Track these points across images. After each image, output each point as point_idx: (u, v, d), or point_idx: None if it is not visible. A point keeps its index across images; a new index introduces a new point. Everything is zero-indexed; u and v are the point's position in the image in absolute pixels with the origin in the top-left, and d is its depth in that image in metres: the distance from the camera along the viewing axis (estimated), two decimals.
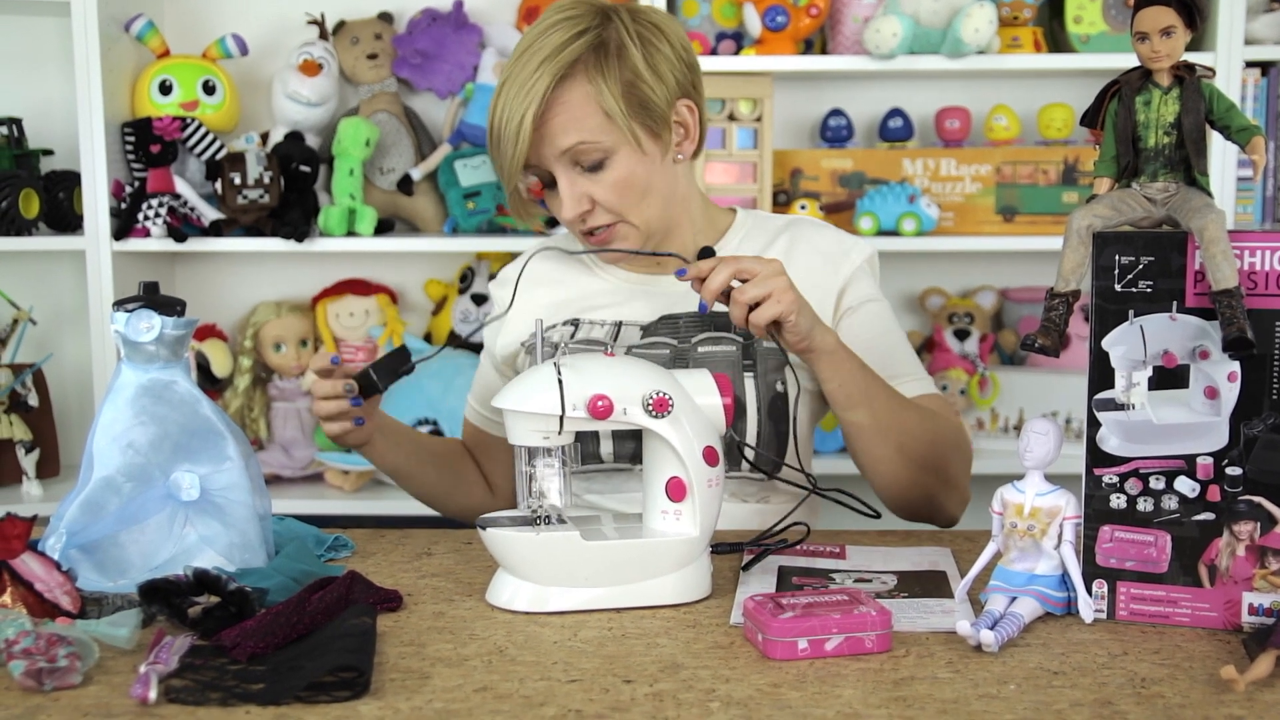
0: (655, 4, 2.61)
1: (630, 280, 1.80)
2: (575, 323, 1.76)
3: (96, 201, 2.66)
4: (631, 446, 1.70)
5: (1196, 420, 1.26)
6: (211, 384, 2.85)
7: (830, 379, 1.58)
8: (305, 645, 1.20)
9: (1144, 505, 1.28)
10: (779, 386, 1.70)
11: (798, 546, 1.54)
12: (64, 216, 2.79)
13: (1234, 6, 2.60)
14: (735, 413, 1.50)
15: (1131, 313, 1.26)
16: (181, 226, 2.68)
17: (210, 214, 2.72)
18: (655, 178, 1.68)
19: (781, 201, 2.80)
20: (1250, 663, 1.15)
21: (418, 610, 1.35)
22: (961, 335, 2.86)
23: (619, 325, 1.75)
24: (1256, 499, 1.25)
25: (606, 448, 1.71)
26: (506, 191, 1.71)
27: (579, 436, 1.70)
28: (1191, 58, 1.27)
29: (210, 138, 2.73)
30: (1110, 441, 1.28)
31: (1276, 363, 1.24)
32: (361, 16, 2.91)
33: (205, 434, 1.42)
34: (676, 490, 1.36)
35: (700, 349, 1.70)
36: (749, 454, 1.68)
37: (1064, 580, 1.30)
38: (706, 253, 1.71)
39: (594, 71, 1.62)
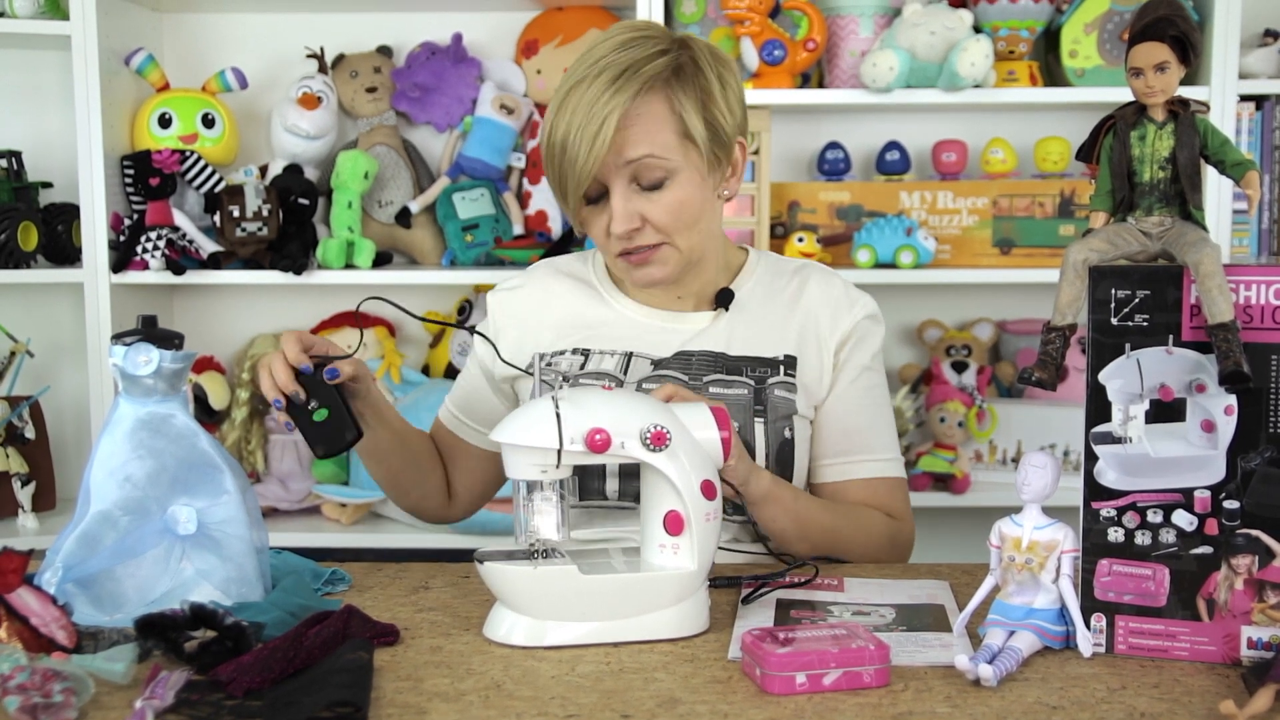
0: None
1: (646, 313, 1.77)
2: (585, 353, 1.74)
3: (95, 234, 2.67)
4: (637, 486, 1.66)
5: (1194, 454, 1.26)
6: (208, 416, 2.84)
7: (768, 521, 1.63)
8: (302, 680, 1.19)
9: (1142, 539, 1.28)
10: (786, 433, 1.70)
11: (797, 579, 1.54)
12: (63, 249, 2.79)
13: (1228, 41, 2.61)
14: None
15: (1128, 346, 1.26)
16: (180, 259, 2.68)
17: (209, 247, 2.73)
18: (705, 208, 1.67)
19: (779, 234, 2.80)
20: (1249, 697, 1.14)
21: (414, 644, 1.34)
22: (959, 367, 2.87)
23: (629, 356, 1.73)
24: (1254, 532, 1.25)
25: (611, 485, 1.70)
26: (571, 205, 1.66)
27: (584, 473, 1.70)
28: (1186, 92, 1.28)
29: (209, 171, 2.74)
30: (1108, 475, 1.28)
31: (1273, 396, 1.24)
32: (361, 50, 2.93)
33: (202, 467, 1.42)
34: (674, 524, 1.36)
35: (712, 389, 1.70)
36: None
37: (1062, 614, 1.30)
38: (725, 295, 1.75)
39: (676, 89, 1.62)
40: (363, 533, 2.75)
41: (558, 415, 1.33)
